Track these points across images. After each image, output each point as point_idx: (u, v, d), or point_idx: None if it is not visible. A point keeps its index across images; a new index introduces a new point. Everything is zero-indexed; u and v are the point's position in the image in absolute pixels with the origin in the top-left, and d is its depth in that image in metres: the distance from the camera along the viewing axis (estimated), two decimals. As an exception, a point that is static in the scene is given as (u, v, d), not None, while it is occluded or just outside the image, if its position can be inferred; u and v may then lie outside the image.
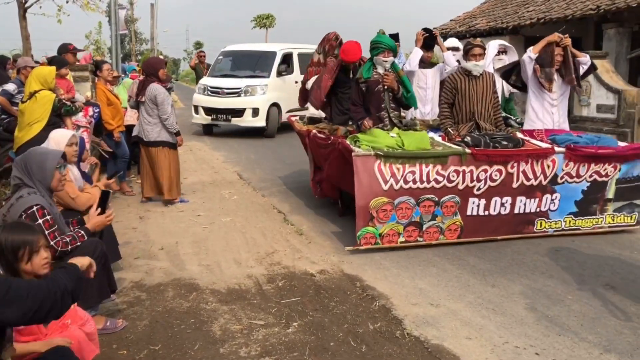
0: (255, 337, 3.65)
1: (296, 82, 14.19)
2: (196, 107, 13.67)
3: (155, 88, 6.76)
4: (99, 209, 3.75)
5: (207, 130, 13.94)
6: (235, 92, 13.20)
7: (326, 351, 3.49)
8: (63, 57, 7.28)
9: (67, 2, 14.35)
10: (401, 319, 3.93)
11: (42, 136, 5.58)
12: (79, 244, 3.56)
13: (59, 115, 5.92)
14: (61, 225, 3.59)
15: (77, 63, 8.71)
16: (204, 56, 16.67)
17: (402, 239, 5.32)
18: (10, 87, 7.00)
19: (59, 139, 4.47)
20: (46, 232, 3.36)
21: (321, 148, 6.32)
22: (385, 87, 5.87)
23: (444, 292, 4.39)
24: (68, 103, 6.07)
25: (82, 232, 3.68)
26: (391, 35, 6.96)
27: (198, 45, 65.32)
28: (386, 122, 5.89)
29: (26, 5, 13.48)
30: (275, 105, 13.41)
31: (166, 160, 6.89)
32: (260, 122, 13.18)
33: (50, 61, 7.06)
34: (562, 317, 3.99)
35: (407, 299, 4.27)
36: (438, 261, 5.07)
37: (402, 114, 6.32)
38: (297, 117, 7.74)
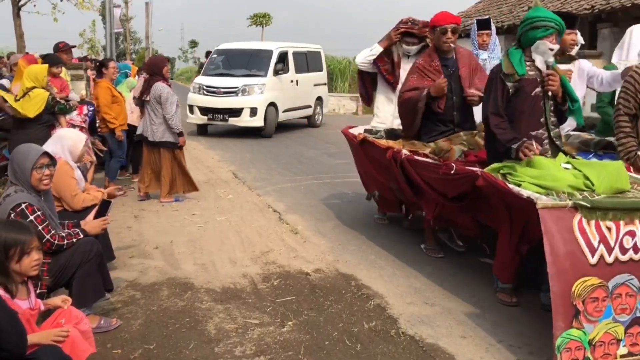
0: (250, 336, 3.64)
1: (292, 81, 14.21)
2: (191, 107, 13.43)
3: (160, 87, 6.72)
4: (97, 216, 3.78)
5: (202, 130, 13.79)
6: (233, 92, 13.02)
7: (321, 350, 3.48)
8: (57, 56, 7.25)
9: (61, 0, 14.34)
10: (396, 318, 3.93)
11: (35, 135, 5.58)
12: (74, 240, 3.57)
13: (53, 114, 5.91)
14: (53, 223, 3.58)
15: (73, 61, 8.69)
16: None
17: (623, 349, 3.28)
18: (5, 83, 6.99)
19: (76, 138, 4.49)
20: (39, 227, 3.35)
21: (427, 177, 4.63)
22: (550, 92, 4.03)
23: (439, 291, 4.39)
24: (62, 101, 6.05)
25: (78, 230, 3.68)
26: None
27: (193, 44, 65.27)
28: (545, 145, 4.06)
29: (20, 3, 13.44)
30: (272, 104, 13.33)
31: (169, 161, 6.85)
32: (258, 121, 13.05)
33: (44, 59, 7.04)
34: (557, 315, 3.99)
35: (402, 298, 4.27)
36: (433, 260, 5.07)
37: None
38: (360, 130, 5.84)
